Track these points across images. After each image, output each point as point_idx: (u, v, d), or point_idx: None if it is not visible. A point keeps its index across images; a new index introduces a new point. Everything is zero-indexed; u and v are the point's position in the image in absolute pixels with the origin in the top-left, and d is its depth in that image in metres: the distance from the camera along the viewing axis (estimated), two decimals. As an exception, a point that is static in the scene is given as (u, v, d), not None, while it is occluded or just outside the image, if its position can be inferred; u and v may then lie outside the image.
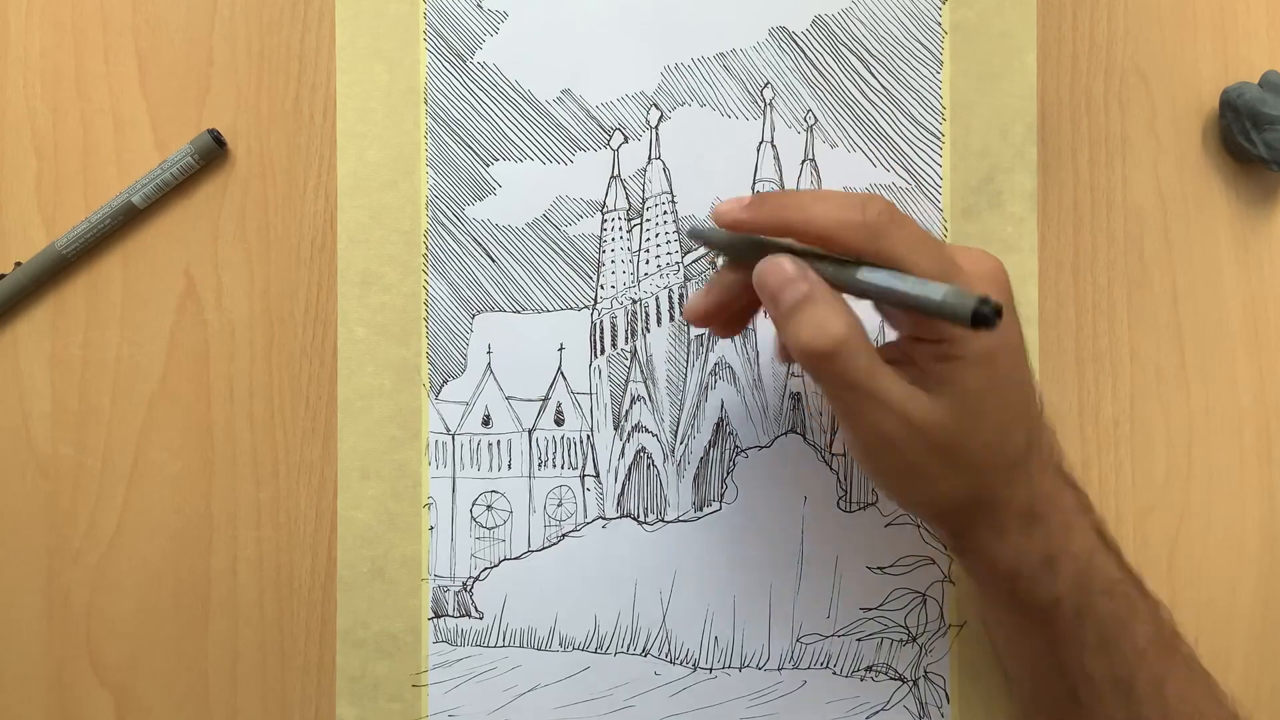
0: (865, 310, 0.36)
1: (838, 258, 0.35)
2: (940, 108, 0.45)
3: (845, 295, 0.35)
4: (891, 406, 0.34)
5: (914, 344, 0.36)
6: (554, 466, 0.45)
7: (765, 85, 0.45)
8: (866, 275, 0.34)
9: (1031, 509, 0.36)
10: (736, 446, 0.45)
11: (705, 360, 0.46)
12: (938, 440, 0.34)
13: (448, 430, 0.45)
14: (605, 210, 0.45)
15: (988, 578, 0.38)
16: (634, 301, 0.46)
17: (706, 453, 0.45)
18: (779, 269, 0.35)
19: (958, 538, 0.38)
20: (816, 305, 0.34)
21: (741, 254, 0.38)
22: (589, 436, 0.45)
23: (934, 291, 0.33)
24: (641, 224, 0.45)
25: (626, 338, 0.45)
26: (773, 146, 0.45)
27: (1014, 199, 0.45)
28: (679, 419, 0.46)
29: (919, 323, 0.35)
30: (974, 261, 0.36)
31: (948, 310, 0.32)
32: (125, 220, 0.45)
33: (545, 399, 0.45)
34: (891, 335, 0.38)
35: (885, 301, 0.35)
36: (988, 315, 0.31)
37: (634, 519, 0.45)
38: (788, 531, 0.45)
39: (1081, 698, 0.36)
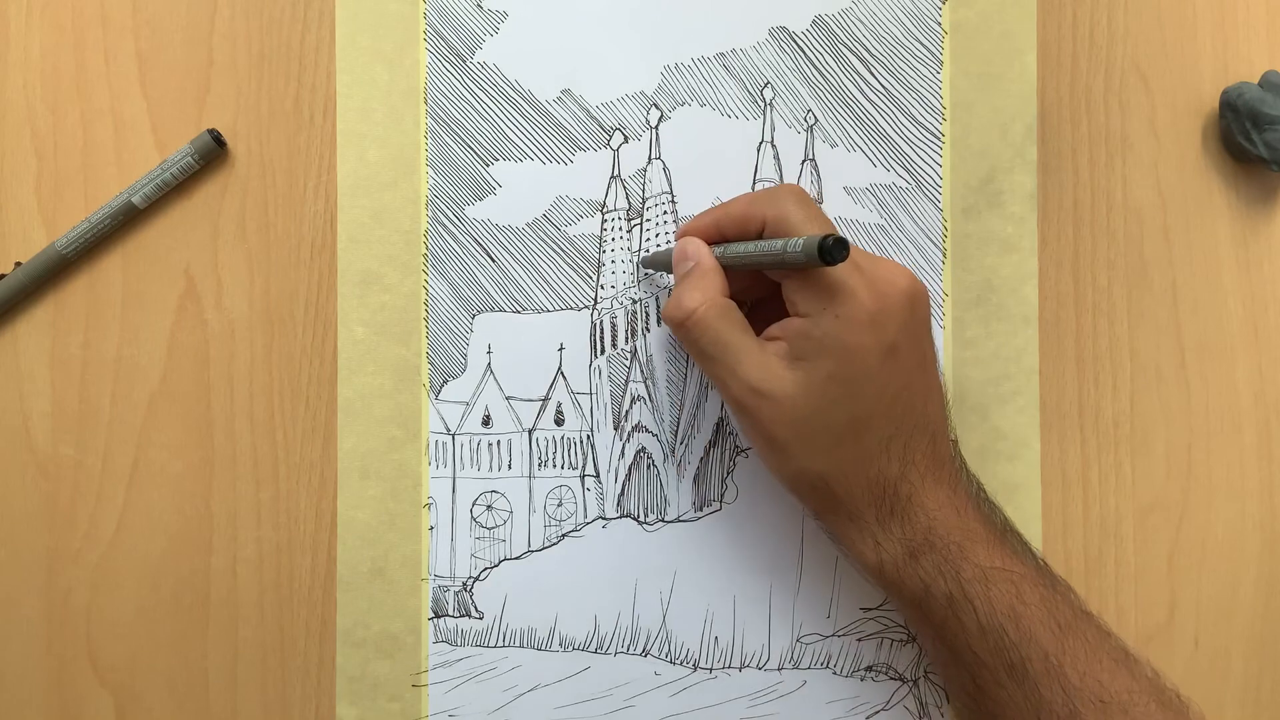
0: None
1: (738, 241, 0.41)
2: (940, 108, 0.45)
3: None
4: (738, 374, 0.38)
5: (789, 323, 0.39)
6: (554, 466, 0.45)
7: (765, 85, 0.45)
8: (740, 245, 0.40)
9: (890, 503, 0.39)
10: (736, 446, 0.45)
11: (705, 360, 0.46)
12: (786, 413, 0.38)
13: (448, 430, 0.45)
14: (605, 210, 0.45)
15: (861, 566, 0.40)
16: (634, 301, 0.45)
17: (706, 453, 0.45)
18: (680, 246, 0.41)
19: (820, 518, 0.41)
20: (688, 279, 0.40)
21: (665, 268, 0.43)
22: (589, 436, 0.45)
23: (792, 244, 0.36)
24: (641, 224, 0.45)
25: (626, 338, 0.45)
26: (773, 146, 0.45)
27: (1014, 199, 0.45)
28: (679, 419, 0.46)
29: (796, 296, 0.39)
30: (883, 270, 0.39)
31: (797, 252, 0.36)
32: (125, 220, 0.45)
33: (545, 399, 0.45)
34: None
35: (762, 264, 0.39)
36: (830, 248, 0.35)
37: (634, 519, 0.45)
38: (788, 531, 0.45)
39: (980, 682, 0.38)
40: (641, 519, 0.45)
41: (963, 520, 0.39)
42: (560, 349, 0.45)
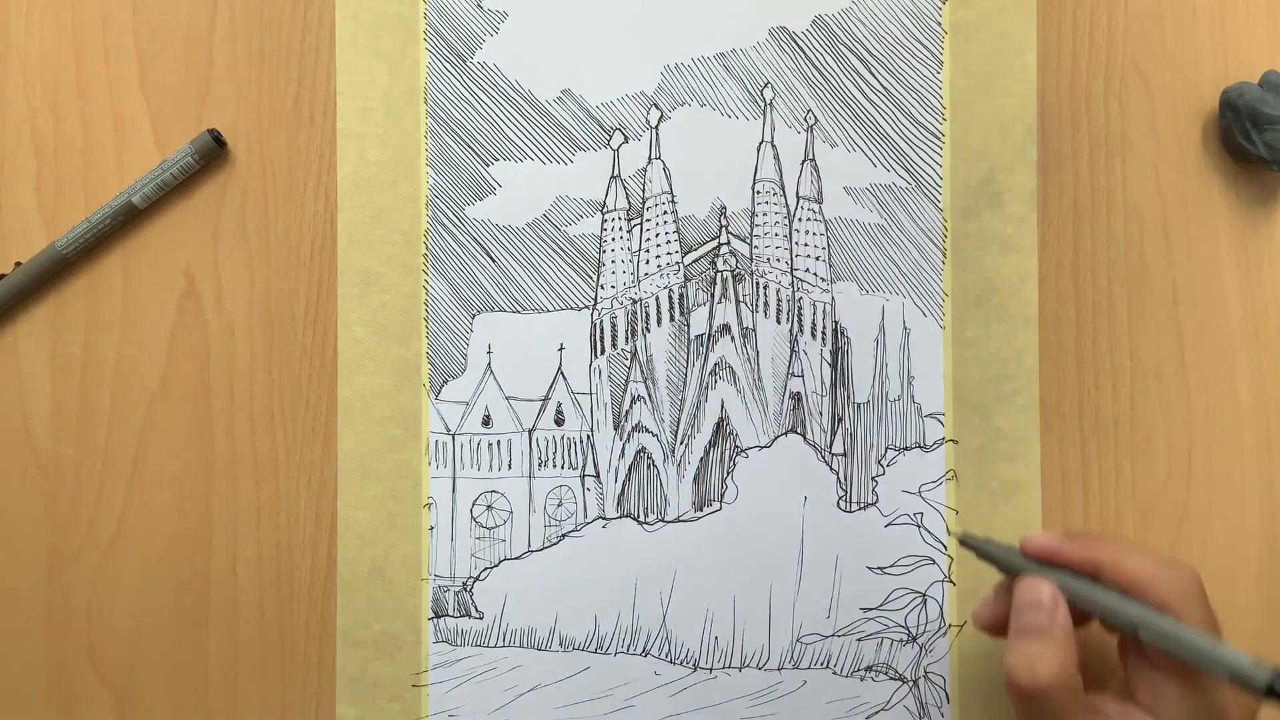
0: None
1: (1119, 594, 0.37)
2: (940, 108, 0.45)
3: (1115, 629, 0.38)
4: None
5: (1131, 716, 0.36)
6: (554, 466, 0.45)
7: (765, 85, 0.45)
8: (1155, 621, 0.36)
9: None
10: (736, 446, 0.45)
11: (705, 360, 0.46)
12: None
13: (448, 430, 0.45)
14: (605, 210, 0.45)
15: None
16: (634, 301, 0.46)
17: (706, 453, 0.45)
18: (1035, 591, 0.37)
19: None
20: (1041, 641, 0.36)
21: (1011, 570, 0.40)
22: (589, 436, 0.45)
23: (1227, 655, 0.34)
24: (641, 224, 0.45)
25: (626, 338, 0.45)
26: (773, 146, 0.45)
27: (1014, 199, 0.45)
28: (679, 419, 0.46)
29: (1150, 692, 0.36)
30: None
31: (1240, 677, 0.34)
32: (125, 220, 0.45)
33: (545, 399, 0.45)
34: None
35: (1167, 650, 0.36)
36: None
37: (634, 519, 0.45)
38: (788, 531, 0.45)
39: None
40: (641, 519, 0.45)
41: None
42: (560, 349, 0.45)
